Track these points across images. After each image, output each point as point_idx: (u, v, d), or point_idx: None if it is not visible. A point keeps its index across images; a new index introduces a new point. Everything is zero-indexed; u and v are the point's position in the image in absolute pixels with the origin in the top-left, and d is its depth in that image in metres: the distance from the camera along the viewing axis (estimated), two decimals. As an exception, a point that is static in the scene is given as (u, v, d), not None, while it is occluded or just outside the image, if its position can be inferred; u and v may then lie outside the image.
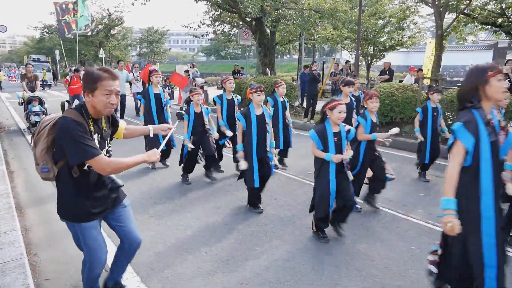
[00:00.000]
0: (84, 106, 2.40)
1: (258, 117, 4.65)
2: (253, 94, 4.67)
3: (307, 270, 3.51)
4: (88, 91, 2.34)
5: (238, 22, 18.12)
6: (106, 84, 2.33)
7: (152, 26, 44.70)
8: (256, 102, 4.66)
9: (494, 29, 13.54)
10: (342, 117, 3.78)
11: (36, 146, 2.44)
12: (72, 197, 2.50)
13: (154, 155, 2.58)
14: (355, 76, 11.43)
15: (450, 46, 34.00)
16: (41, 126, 2.48)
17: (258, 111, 4.68)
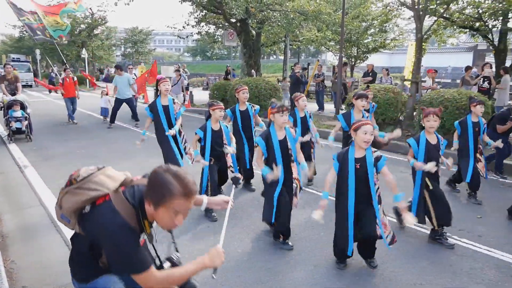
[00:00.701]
0: (142, 202, 1.86)
1: (281, 142, 3.94)
2: (275, 115, 3.91)
3: (288, 270, 3.59)
4: (152, 202, 1.79)
5: (223, 23, 18.15)
6: (177, 203, 1.76)
7: (136, 26, 44.32)
8: (278, 124, 3.92)
9: (472, 32, 13.88)
10: (368, 140, 3.27)
11: (66, 195, 1.93)
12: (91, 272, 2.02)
13: (219, 257, 2.02)
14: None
15: (431, 48, 34.61)
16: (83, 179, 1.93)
17: (280, 134, 3.96)
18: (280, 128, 3.96)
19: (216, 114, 4.84)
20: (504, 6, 11.15)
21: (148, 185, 1.81)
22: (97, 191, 1.89)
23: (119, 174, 2.04)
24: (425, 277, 3.51)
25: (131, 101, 11.65)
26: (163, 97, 5.80)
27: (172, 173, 1.77)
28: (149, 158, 7.68)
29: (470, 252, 4.01)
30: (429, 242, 4.19)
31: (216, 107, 4.84)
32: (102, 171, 1.99)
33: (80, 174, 1.95)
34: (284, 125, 3.96)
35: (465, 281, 3.47)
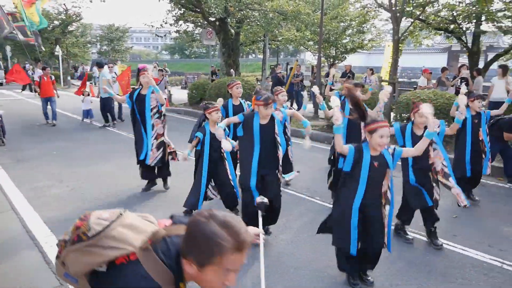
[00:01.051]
0: (179, 262, 1.40)
1: (264, 127, 3.95)
2: (260, 107, 3.86)
3: (269, 273, 3.57)
4: (195, 261, 1.34)
5: (202, 22, 17.99)
6: (230, 260, 1.32)
7: (113, 23, 43.43)
8: (262, 115, 3.92)
9: (447, 34, 14.22)
10: (383, 143, 3.03)
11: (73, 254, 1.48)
12: None
13: None
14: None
15: (407, 49, 35.26)
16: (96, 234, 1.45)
17: (263, 121, 3.96)
18: (264, 117, 3.93)
19: (213, 117, 4.59)
20: (478, 10, 11.46)
21: (188, 239, 1.36)
22: (118, 250, 1.42)
23: (144, 223, 1.57)
24: (401, 278, 3.56)
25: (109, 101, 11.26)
26: (144, 88, 5.55)
27: (219, 221, 1.33)
28: (129, 159, 7.55)
29: (446, 251, 4.10)
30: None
31: (212, 109, 4.60)
32: (120, 221, 1.49)
33: (91, 226, 1.46)
34: (268, 117, 3.95)
35: (441, 280, 3.54)
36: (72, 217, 4.61)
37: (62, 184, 5.99)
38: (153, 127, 5.57)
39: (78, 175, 6.46)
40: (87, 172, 6.64)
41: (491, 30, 13.95)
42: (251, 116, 3.97)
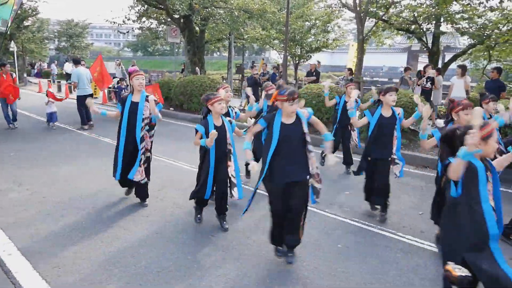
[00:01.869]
0: None
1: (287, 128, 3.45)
2: (283, 103, 3.36)
3: (240, 276, 3.50)
4: None
5: (166, 19, 17.61)
6: None
7: (72, 19, 41.83)
8: (287, 112, 3.41)
9: (408, 34, 14.67)
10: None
11: None
12: None
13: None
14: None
15: (369, 48, 36.20)
16: None
17: (288, 120, 3.46)
18: (288, 115, 3.43)
19: (216, 108, 4.13)
20: (437, 11, 11.88)
21: None
22: None
23: None
24: (375, 276, 3.57)
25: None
26: (136, 93, 4.88)
27: None
28: (90, 159, 7.24)
29: (415, 248, 4.16)
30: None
31: (214, 100, 4.12)
32: None
33: None
34: (293, 115, 3.43)
35: (411, 277, 3.58)
36: (33, 222, 4.37)
37: (21, 188, 5.63)
38: (142, 140, 4.87)
39: (39, 177, 6.10)
40: (48, 174, 6.29)
41: (449, 31, 14.52)
42: (272, 117, 3.47)
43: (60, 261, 3.64)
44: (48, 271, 3.47)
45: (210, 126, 4.13)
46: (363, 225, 4.68)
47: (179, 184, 5.95)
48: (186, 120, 12.25)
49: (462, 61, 14.91)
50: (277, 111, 3.48)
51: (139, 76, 4.85)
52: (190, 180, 6.10)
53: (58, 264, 3.59)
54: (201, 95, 12.50)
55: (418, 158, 7.45)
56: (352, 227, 4.64)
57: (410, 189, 6.13)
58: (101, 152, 7.90)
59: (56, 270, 3.50)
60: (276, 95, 3.35)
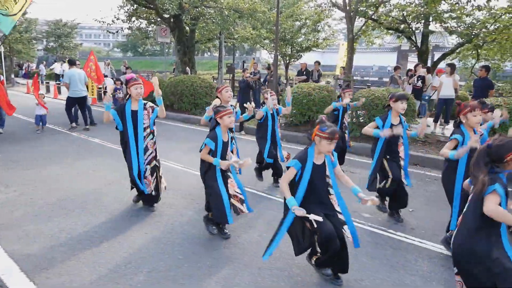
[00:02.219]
0: None
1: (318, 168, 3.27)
2: (321, 140, 3.12)
3: (231, 275, 3.48)
4: None
5: (156, 19, 17.50)
6: None
7: (60, 19, 41.38)
8: (322, 151, 3.19)
9: (397, 34, 14.78)
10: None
11: None
12: None
13: None
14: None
15: (360, 48, 36.43)
16: None
17: (319, 158, 3.28)
18: (320, 155, 3.25)
19: (226, 122, 4.01)
20: (426, 10, 11.97)
21: None
22: None
23: None
24: (365, 273, 3.59)
25: (85, 101, 10.34)
26: (134, 102, 4.69)
27: None
28: (79, 160, 7.16)
29: (405, 244, 4.19)
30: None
31: (224, 113, 3.99)
32: None
33: None
34: (327, 153, 3.23)
35: (402, 274, 3.60)
36: (20, 224, 4.31)
37: (8, 189, 5.54)
38: (146, 151, 4.74)
39: (26, 179, 6.02)
40: (36, 175, 6.21)
41: (438, 30, 14.67)
42: (304, 156, 3.24)
43: (49, 263, 3.59)
44: (36, 273, 3.42)
45: (219, 141, 3.99)
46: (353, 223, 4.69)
47: (170, 184, 5.90)
48: (177, 120, 12.19)
49: (451, 60, 15.07)
50: (307, 149, 3.27)
51: (137, 85, 4.64)
52: (182, 181, 6.10)
53: (47, 266, 3.54)
54: (191, 95, 12.51)
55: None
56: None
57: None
58: (91, 153, 7.83)
59: (44, 272, 3.46)
60: (317, 130, 3.12)
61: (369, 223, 4.68)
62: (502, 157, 2.47)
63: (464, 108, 3.79)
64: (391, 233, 4.44)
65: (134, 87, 4.62)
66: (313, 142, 3.21)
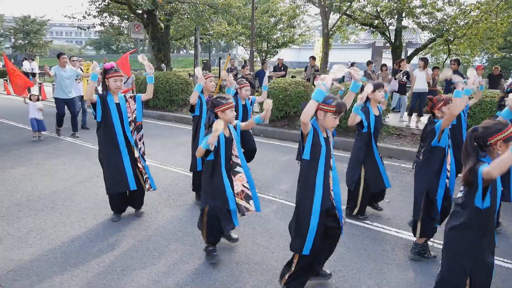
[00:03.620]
0: None
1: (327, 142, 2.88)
2: (326, 114, 2.77)
3: (208, 270, 3.41)
4: None
5: (129, 15, 17.13)
6: None
7: (28, 15, 40.04)
8: (328, 125, 2.82)
9: (372, 29, 14.97)
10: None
11: None
12: None
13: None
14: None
15: (335, 45, 36.82)
16: None
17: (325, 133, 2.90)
18: (324, 129, 2.86)
19: (228, 116, 3.38)
20: (399, 6, 12.16)
21: None
22: None
23: None
24: (343, 263, 3.59)
25: (73, 103, 8.82)
26: (114, 95, 4.18)
27: None
28: (50, 160, 6.91)
29: (381, 235, 4.22)
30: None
31: (226, 106, 3.35)
32: None
33: None
34: (332, 129, 2.87)
35: (379, 263, 3.61)
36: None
37: (-30, 190, 5.29)
38: (137, 145, 4.32)
39: (-10, 179, 5.77)
40: (1, 175, 5.95)
41: (411, 26, 14.94)
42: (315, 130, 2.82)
43: (16, 264, 3.44)
44: (3, 275, 3.26)
45: (221, 139, 3.33)
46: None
47: (144, 181, 5.78)
48: (152, 117, 11.96)
49: (423, 55, 15.37)
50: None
51: (117, 77, 4.09)
52: (157, 177, 5.97)
53: (14, 268, 3.39)
54: (167, 91, 12.30)
55: (384, 148, 7.59)
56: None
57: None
58: (60, 151, 7.58)
59: (11, 273, 3.30)
60: (319, 104, 2.70)
61: (346, 215, 4.69)
62: (486, 140, 2.35)
63: (437, 103, 3.65)
64: (368, 224, 4.46)
65: (113, 79, 4.09)
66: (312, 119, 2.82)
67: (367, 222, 4.50)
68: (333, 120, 2.77)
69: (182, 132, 9.44)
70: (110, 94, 4.15)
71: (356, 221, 4.52)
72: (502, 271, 3.55)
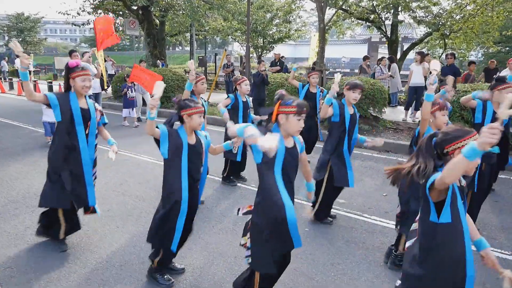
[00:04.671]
0: None
1: (289, 152, 2.54)
2: (288, 116, 2.49)
3: (206, 264, 3.40)
4: None
5: (123, 11, 17.01)
6: None
7: (22, 12, 39.69)
8: (289, 131, 2.53)
9: (367, 24, 14.95)
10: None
11: None
12: None
13: None
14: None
15: (331, 40, 36.79)
16: None
17: (288, 142, 2.57)
18: (288, 135, 2.57)
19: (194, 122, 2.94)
20: (395, 0, 12.15)
21: None
22: None
23: None
24: (341, 256, 3.59)
25: (98, 99, 9.71)
26: (80, 97, 3.52)
27: None
28: (45, 157, 6.86)
29: (380, 228, 4.22)
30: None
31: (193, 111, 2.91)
32: None
33: None
34: (297, 133, 2.59)
35: (377, 256, 3.62)
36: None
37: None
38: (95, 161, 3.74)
39: (-14, 177, 5.72)
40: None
41: (407, 20, 14.93)
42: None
43: (13, 262, 3.41)
44: (0, 272, 3.24)
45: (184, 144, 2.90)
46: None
47: (140, 178, 5.77)
48: (148, 114, 11.91)
49: (419, 50, 15.38)
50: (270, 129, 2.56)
51: (86, 77, 3.47)
52: (152, 173, 5.96)
53: (11, 265, 3.36)
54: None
55: (381, 143, 7.60)
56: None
57: (374, 172, 6.23)
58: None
59: (8, 270, 3.28)
60: (279, 107, 2.51)
61: (344, 208, 4.70)
62: (443, 148, 2.05)
63: (432, 106, 3.19)
64: (366, 217, 4.47)
65: (80, 78, 3.44)
66: (273, 125, 2.57)
67: (366, 216, 4.51)
68: (297, 123, 2.48)
69: (178, 128, 9.38)
70: (75, 95, 3.50)
71: (354, 215, 4.52)
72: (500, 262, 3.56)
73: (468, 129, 2.07)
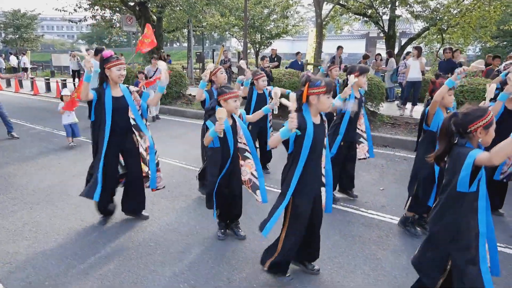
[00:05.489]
0: None
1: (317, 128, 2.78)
2: (319, 96, 2.71)
3: (204, 258, 3.43)
4: None
5: (120, 7, 16.96)
6: None
7: (18, 9, 39.48)
8: (321, 108, 2.75)
9: (365, 19, 14.94)
10: None
11: None
12: None
13: None
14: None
15: (329, 35, 36.72)
16: None
17: (316, 120, 2.80)
18: (317, 113, 2.81)
19: (230, 106, 3.40)
20: (392, -6, 12.14)
21: None
22: None
23: None
24: (338, 250, 3.62)
25: None
26: (114, 86, 3.77)
27: None
28: (44, 155, 6.87)
29: (376, 221, 4.25)
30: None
31: (229, 96, 3.38)
32: None
33: None
34: (328, 109, 2.81)
35: (374, 249, 3.65)
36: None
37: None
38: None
39: (-16, 174, 5.73)
40: (-5, 170, 5.93)
41: (404, 15, 14.92)
42: (302, 118, 2.71)
43: (12, 257, 3.43)
44: (-1, 268, 3.26)
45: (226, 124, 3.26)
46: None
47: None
48: (146, 111, 11.92)
49: (417, 44, 15.38)
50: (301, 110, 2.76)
51: (121, 65, 3.68)
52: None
53: (10, 261, 3.38)
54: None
55: (378, 137, 7.62)
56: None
57: (371, 167, 6.25)
58: (55, 146, 7.54)
59: (7, 266, 3.30)
60: (308, 88, 2.68)
61: (341, 203, 4.72)
62: (466, 128, 2.28)
63: (439, 87, 3.45)
64: (363, 211, 4.50)
65: (116, 68, 3.67)
66: (303, 105, 2.75)
67: (362, 210, 4.53)
68: (328, 101, 2.72)
69: (176, 125, 9.41)
70: (109, 87, 3.74)
71: (351, 209, 4.55)
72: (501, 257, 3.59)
73: (484, 107, 2.34)
